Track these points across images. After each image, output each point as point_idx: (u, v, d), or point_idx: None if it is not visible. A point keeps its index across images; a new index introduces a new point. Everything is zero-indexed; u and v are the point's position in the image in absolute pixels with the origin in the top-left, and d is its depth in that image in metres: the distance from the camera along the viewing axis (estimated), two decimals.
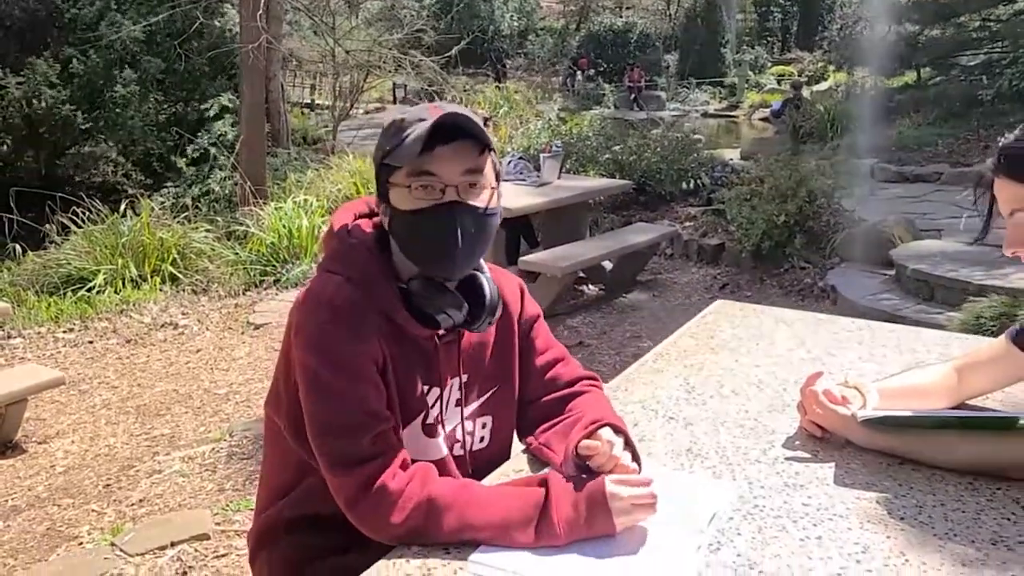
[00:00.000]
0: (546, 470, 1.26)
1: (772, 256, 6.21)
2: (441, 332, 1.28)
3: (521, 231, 6.22)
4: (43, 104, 10.09)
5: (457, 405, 1.34)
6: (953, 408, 1.47)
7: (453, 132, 1.19)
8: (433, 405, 1.30)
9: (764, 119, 18.80)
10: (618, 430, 1.25)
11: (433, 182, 1.20)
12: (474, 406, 1.36)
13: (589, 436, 1.23)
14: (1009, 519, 1.16)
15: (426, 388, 1.29)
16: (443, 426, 1.32)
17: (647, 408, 1.55)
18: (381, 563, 1.10)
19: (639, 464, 1.23)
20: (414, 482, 1.15)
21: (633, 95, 23.47)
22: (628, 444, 1.25)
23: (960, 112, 11.32)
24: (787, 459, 1.35)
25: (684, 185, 8.19)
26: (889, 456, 1.33)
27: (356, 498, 1.15)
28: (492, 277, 1.34)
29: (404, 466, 1.18)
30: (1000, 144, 1.24)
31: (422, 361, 1.28)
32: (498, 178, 1.29)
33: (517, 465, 1.35)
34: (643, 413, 1.53)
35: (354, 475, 1.16)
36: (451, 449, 1.34)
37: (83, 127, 10.74)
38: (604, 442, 1.21)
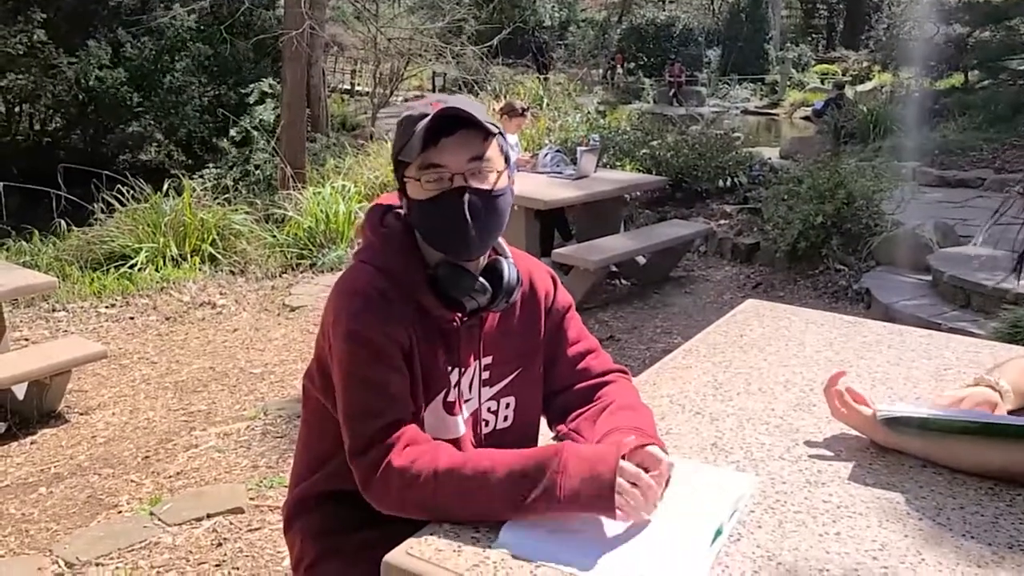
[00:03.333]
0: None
1: (807, 257, 6.16)
2: (464, 316, 1.34)
3: (555, 224, 6.25)
4: (94, 84, 10.29)
5: (483, 385, 1.40)
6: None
7: (455, 124, 1.26)
8: (455, 384, 1.36)
9: (805, 118, 18.61)
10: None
11: (441, 173, 1.28)
12: (499, 386, 1.42)
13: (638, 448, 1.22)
14: None
15: (449, 368, 1.35)
16: (462, 406, 1.37)
17: (675, 403, 1.59)
18: (412, 539, 1.15)
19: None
20: (423, 459, 1.21)
21: (673, 90, 23.34)
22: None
23: (1007, 117, 11.09)
24: (810, 457, 1.38)
25: (721, 183, 8.14)
26: (911, 458, 1.36)
27: (368, 479, 1.23)
28: (524, 266, 1.43)
29: (411, 445, 1.23)
30: None
31: (445, 342, 1.34)
32: (508, 161, 1.35)
33: None
34: (670, 407, 1.57)
35: (367, 457, 1.23)
36: (475, 428, 1.40)
37: (136, 109, 10.96)
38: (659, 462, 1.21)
